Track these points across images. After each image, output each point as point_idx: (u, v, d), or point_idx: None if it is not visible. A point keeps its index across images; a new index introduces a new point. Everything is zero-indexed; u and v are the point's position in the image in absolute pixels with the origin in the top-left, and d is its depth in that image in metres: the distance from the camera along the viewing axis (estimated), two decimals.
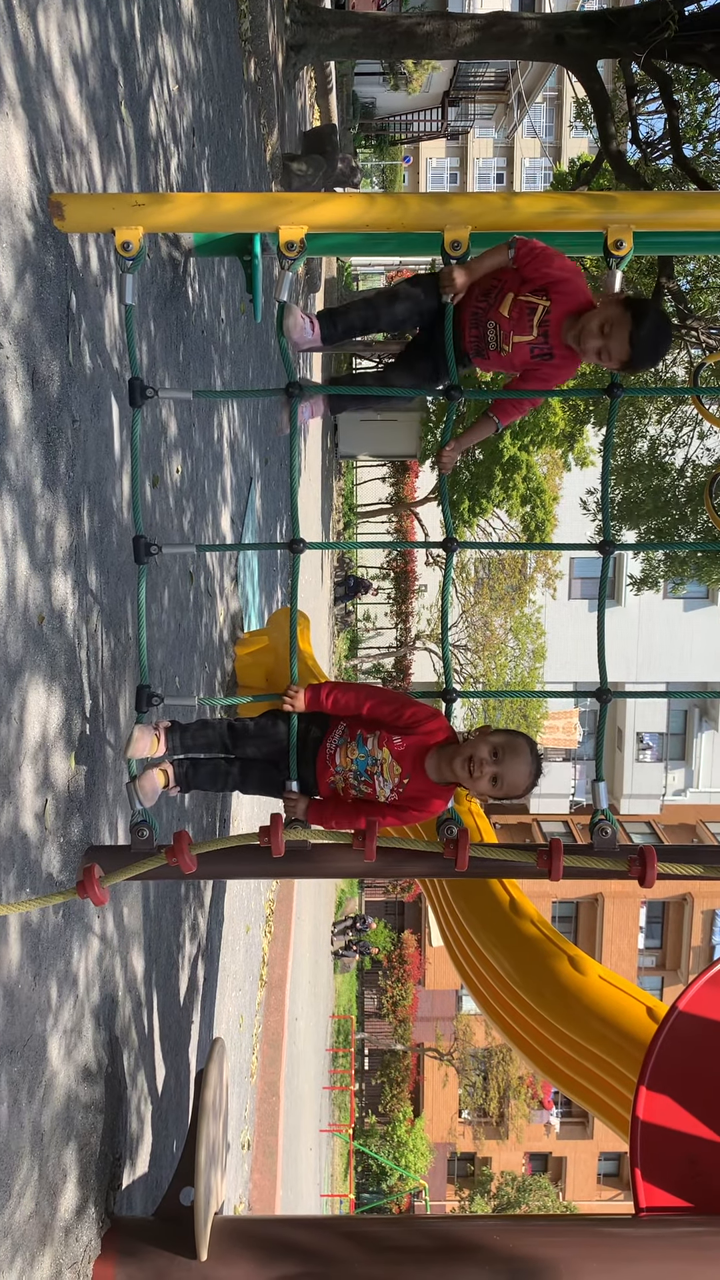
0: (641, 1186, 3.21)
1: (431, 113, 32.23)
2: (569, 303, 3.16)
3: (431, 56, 10.77)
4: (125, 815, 3.49)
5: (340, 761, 3.24)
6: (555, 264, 3.14)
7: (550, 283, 3.15)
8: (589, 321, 3.10)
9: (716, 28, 8.57)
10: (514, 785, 3.07)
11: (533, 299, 3.19)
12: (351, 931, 27.91)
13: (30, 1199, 2.62)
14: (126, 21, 3.81)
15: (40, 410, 2.72)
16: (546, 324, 3.20)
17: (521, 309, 3.21)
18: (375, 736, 3.19)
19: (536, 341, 3.24)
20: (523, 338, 3.24)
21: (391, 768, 3.18)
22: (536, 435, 18.49)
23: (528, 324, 3.22)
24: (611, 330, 3.06)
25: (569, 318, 3.17)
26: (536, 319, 3.20)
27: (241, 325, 6.67)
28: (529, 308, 3.20)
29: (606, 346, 3.08)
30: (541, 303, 3.18)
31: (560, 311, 3.17)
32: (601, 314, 3.08)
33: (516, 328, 3.23)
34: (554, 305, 3.17)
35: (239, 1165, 7.11)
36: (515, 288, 3.21)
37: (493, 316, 3.26)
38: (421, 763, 3.16)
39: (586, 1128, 33.24)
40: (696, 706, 33.77)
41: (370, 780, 3.21)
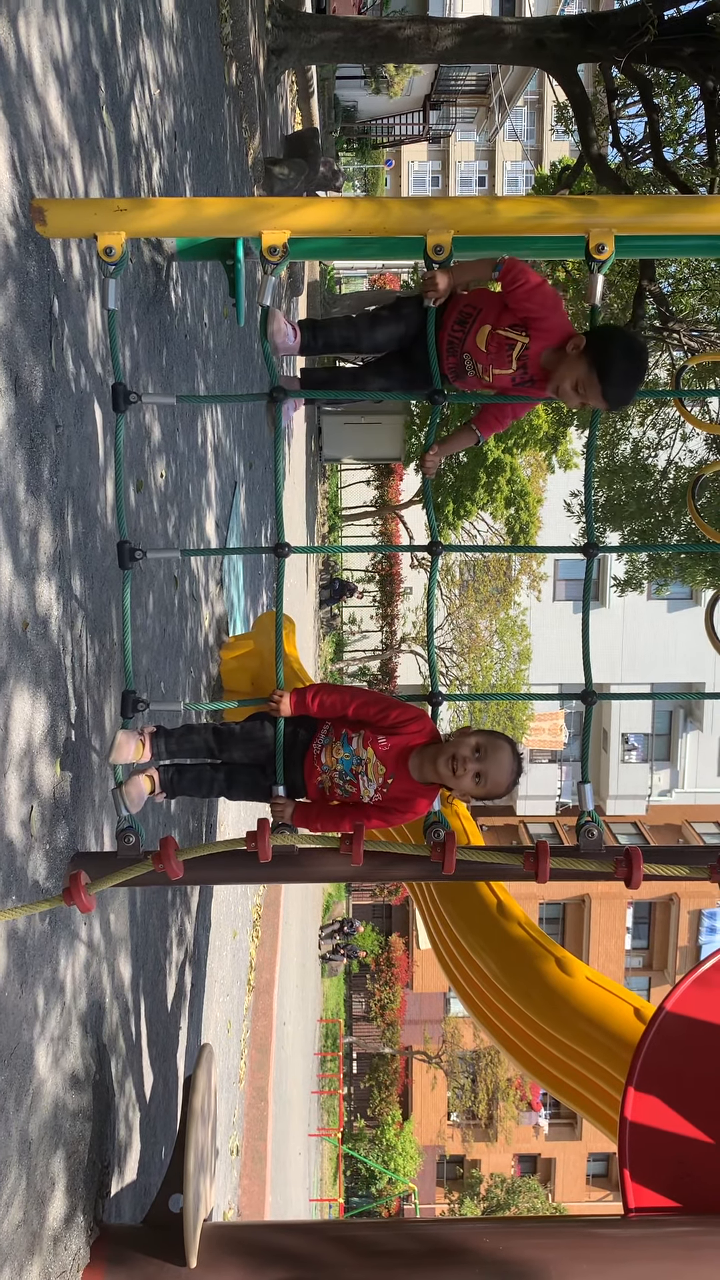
0: (630, 1187, 3.22)
1: (413, 116, 32.33)
2: (548, 340, 3.17)
3: (413, 60, 10.80)
4: (111, 821, 3.48)
5: (326, 761, 3.26)
6: (536, 298, 3.14)
7: (531, 319, 3.16)
8: (562, 383, 3.13)
9: (695, 32, 8.62)
10: (497, 783, 3.10)
11: (511, 334, 3.20)
12: (339, 935, 27.90)
13: (18, 1208, 2.61)
14: (107, 26, 3.80)
15: (23, 416, 2.71)
16: (525, 358, 3.22)
17: (500, 343, 3.22)
18: (360, 736, 3.21)
19: (516, 374, 3.26)
20: (503, 371, 3.27)
21: (376, 768, 3.19)
22: (520, 438, 18.54)
23: (506, 359, 3.23)
24: (585, 390, 3.10)
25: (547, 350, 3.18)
26: (515, 354, 3.22)
27: (224, 329, 6.67)
28: (507, 343, 3.21)
29: (584, 401, 3.13)
30: (520, 339, 3.19)
31: (539, 349, 3.19)
32: (570, 374, 3.10)
33: (495, 362, 3.25)
34: (533, 342, 3.18)
35: (228, 1171, 7.09)
36: (493, 319, 3.22)
37: (468, 349, 3.28)
38: (405, 763, 3.18)
39: (575, 1129, 33.30)
40: (681, 707, 33.90)
41: (355, 780, 3.23)
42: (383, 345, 3.48)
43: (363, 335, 3.48)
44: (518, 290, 3.12)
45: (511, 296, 3.15)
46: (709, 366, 12.30)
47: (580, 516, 18.01)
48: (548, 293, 3.15)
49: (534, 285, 3.12)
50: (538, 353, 3.19)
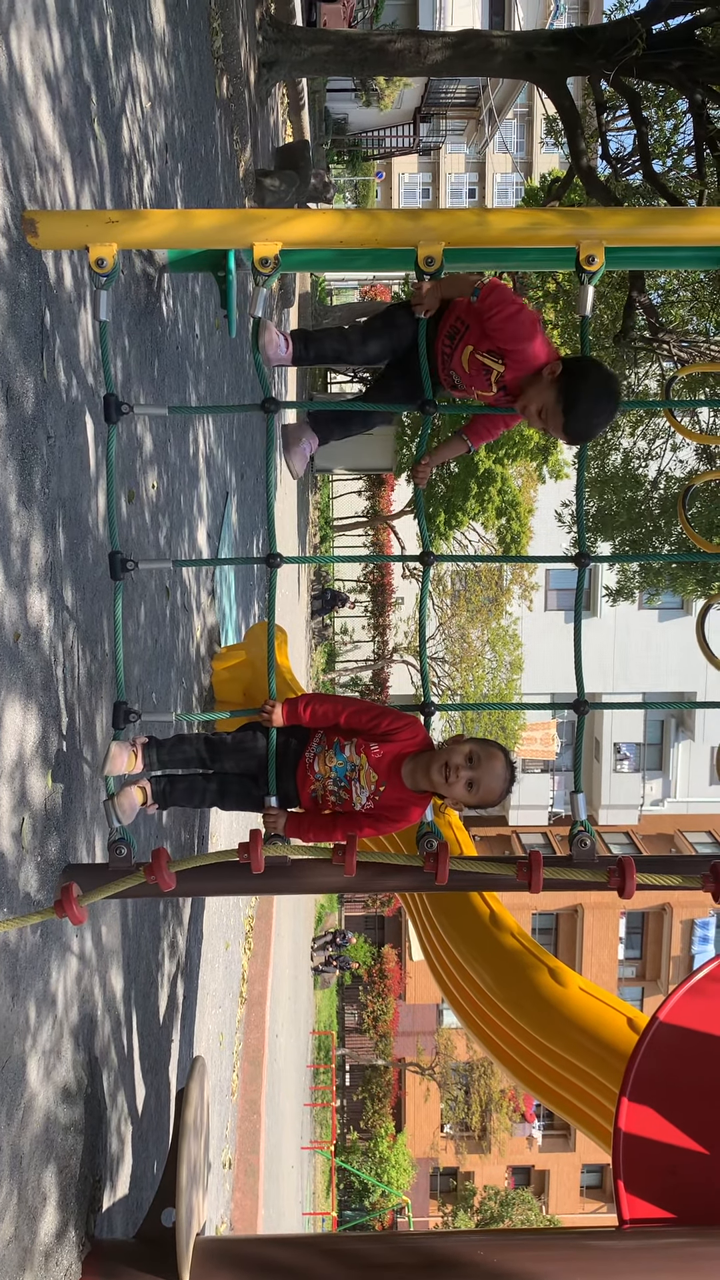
0: (625, 1198, 3.21)
1: (404, 129, 32.48)
2: (521, 369, 3.20)
3: (403, 73, 10.85)
4: (103, 833, 3.47)
5: (319, 769, 3.26)
6: (510, 328, 3.14)
7: (505, 349, 3.18)
8: (528, 404, 3.16)
9: (683, 46, 8.68)
10: (489, 790, 3.10)
11: (488, 360, 3.23)
12: (331, 947, 27.83)
13: (9, 1222, 2.59)
14: (99, 40, 3.82)
15: (15, 427, 2.71)
16: (503, 383, 3.26)
17: (478, 367, 3.26)
18: (352, 744, 3.21)
19: (499, 397, 3.31)
20: (485, 394, 3.33)
21: (368, 775, 3.20)
22: (511, 448, 18.59)
23: (486, 382, 3.29)
24: (547, 418, 3.14)
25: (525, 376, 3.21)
26: (493, 379, 3.26)
27: (216, 341, 6.68)
28: (485, 368, 3.25)
29: (544, 427, 3.18)
30: (496, 366, 3.23)
31: (514, 376, 3.22)
32: (538, 399, 3.14)
33: (477, 383, 3.31)
34: (507, 370, 3.22)
35: (220, 1185, 7.05)
36: (475, 340, 3.25)
37: (454, 368, 3.33)
38: (398, 771, 3.19)
39: (569, 1140, 33.20)
40: (673, 716, 33.96)
41: (348, 787, 3.23)
42: (374, 357, 3.49)
43: (354, 347, 3.49)
44: (493, 318, 3.15)
45: (489, 323, 3.17)
46: (699, 377, 12.36)
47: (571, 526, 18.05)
48: (523, 321, 3.15)
49: (508, 314, 3.13)
50: (514, 380, 3.23)
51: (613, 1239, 3.22)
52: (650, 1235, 3.18)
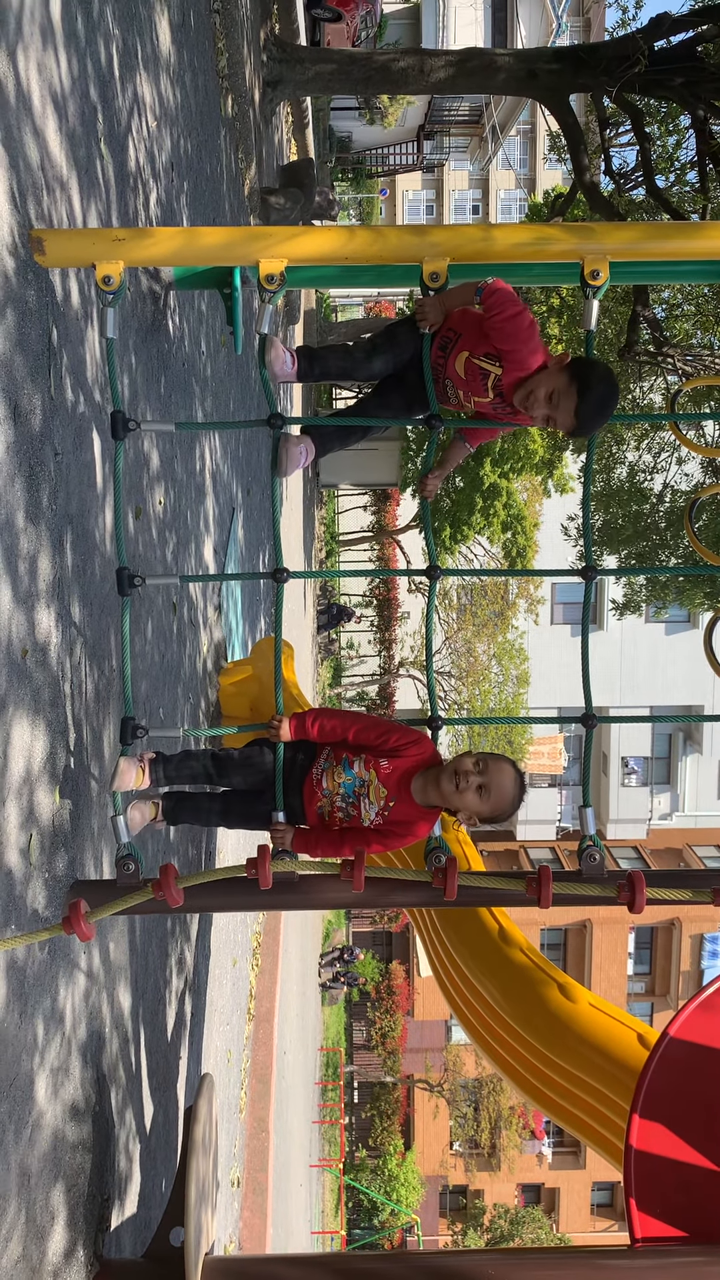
0: (637, 1217, 3.18)
1: (407, 146, 32.68)
2: (518, 371, 3.19)
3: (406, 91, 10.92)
4: (110, 849, 3.47)
5: (328, 785, 3.26)
6: (509, 330, 3.14)
7: (504, 349, 3.18)
8: (536, 388, 3.13)
9: (685, 62, 8.72)
10: (501, 796, 3.10)
11: (485, 364, 3.23)
12: (339, 963, 27.71)
13: (18, 1242, 2.57)
14: (105, 60, 3.85)
15: (22, 444, 2.72)
16: (500, 389, 3.24)
17: (475, 371, 3.25)
18: (361, 760, 3.21)
19: (495, 402, 3.30)
20: (481, 399, 3.31)
21: (378, 790, 3.19)
22: (516, 462, 18.62)
23: (482, 387, 3.27)
24: (559, 401, 3.10)
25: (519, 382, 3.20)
26: (490, 383, 3.25)
27: (222, 357, 6.71)
28: (481, 372, 3.24)
29: (553, 415, 3.12)
30: (494, 370, 3.22)
31: (511, 379, 3.21)
32: (548, 383, 3.11)
33: (472, 389, 3.29)
34: (505, 374, 3.21)
35: (229, 1203, 7.01)
36: (471, 346, 3.24)
37: (449, 375, 3.31)
38: (407, 786, 3.18)
39: (579, 1157, 32.97)
40: (680, 730, 33.86)
41: (357, 803, 3.23)
42: (379, 373, 3.50)
43: (359, 364, 3.50)
44: (494, 319, 3.14)
45: (489, 324, 3.17)
46: (703, 390, 12.37)
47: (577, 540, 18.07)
48: (522, 324, 3.15)
49: (509, 316, 3.13)
50: (510, 384, 3.22)
51: (625, 1258, 3.20)
52: (663, 1254, 3.15)
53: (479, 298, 3.15)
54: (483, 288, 3.14)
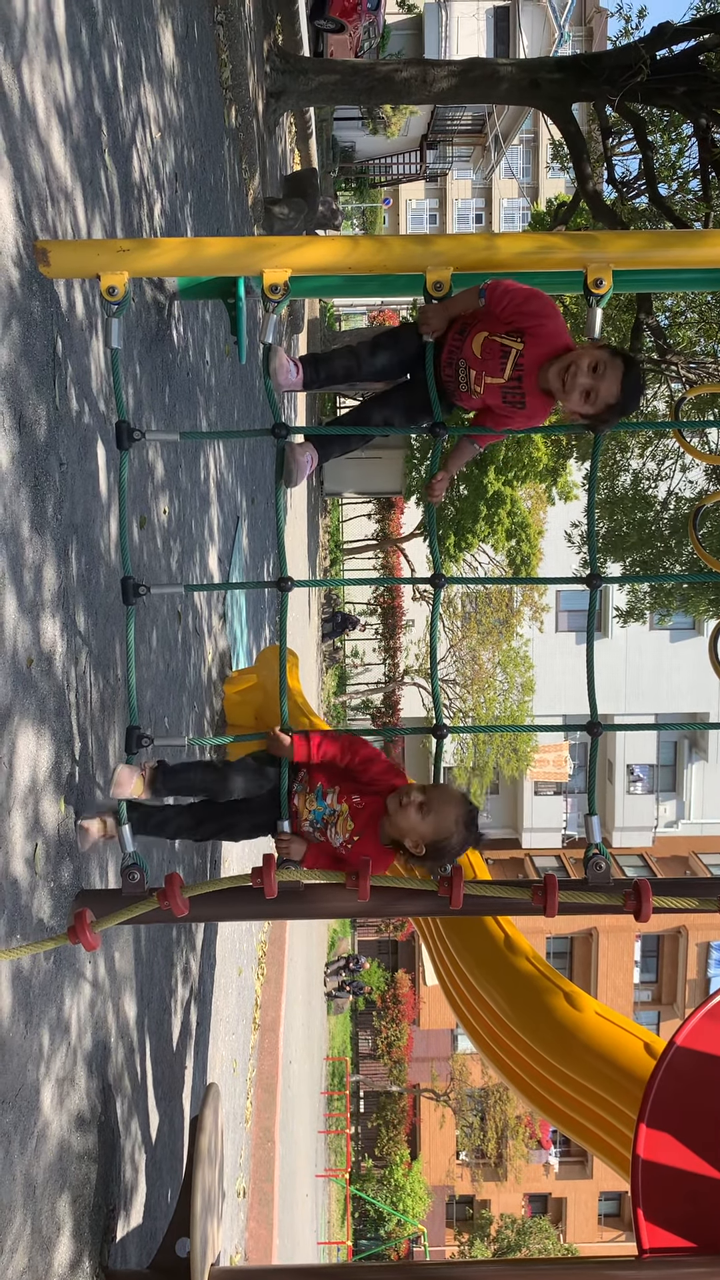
0: (644, 1227, 3.17)
1: (410, 155, 32.77)
2: (544, 346, 3.11)
3: (409, 101, 10.95)
4: (116, 859, 3.46)
5: (299, 807, 3.29)
6: (530, 304, 3.08)
7: (525, 325, 3.11)
8: (579, 359, 3.02)
9: (688, 71, 8.74)
10: (442, 820, 3.03)
11: (506, 340, 3.14)
12: (345, 972, 27.64)
13: (23, 1253, 2.57)
14: (109, 72, 3.87)
15: (27, 454, 2.73)
16: (521, 368, 3.14)
17: (494, 349, 3.16)
18: (335, 792, 3.23)
19: (509, 386, 3.18)
20: (494, 379, 3.19)
21: (345, 823, 3.22)
22: (520, 470, 18.62)
23: (499, 366, 3.16)
24: (604, 371, 3.01)
25: (546, 361, 3.11)
26: (510, 361, 3.14)
27: (226, 367, 6.72)
28: (502, 349, 3.14)
29: (596, 386, 3.01)
30: (515, 345, 3.12)
31: (535, 355, 3.12)
32: (591, 355, 3.02)
33: (487, 368, 3.18)
34: (528, 348, 3.12)
35: (234, 1214, 6.99)
36: (489, 326, 3.17)
37: (464, 355, 3.21)
38: (375, 823, 3.19)
39: (586, 1167, 32.82)
40: (686, 738, 33.79)
41: (324, 829, 3.27)
42: (383, 370, 3.47)
43: (363, 362, 3.48)
44: (507, 305, 3.09)
45: (504, 312, 3.11)
46: (707, 398, 12.38)
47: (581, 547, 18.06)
48: (542, 299, 3.10)
49: (525, 295, 3.08)
50: (534, 362, 3.12)
51: (633, 1268, 3.18)
52: (671, 1264, 3.14)
53: (482, 298, 3.13)
54: (484, 288, 3.12)
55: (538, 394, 3.19)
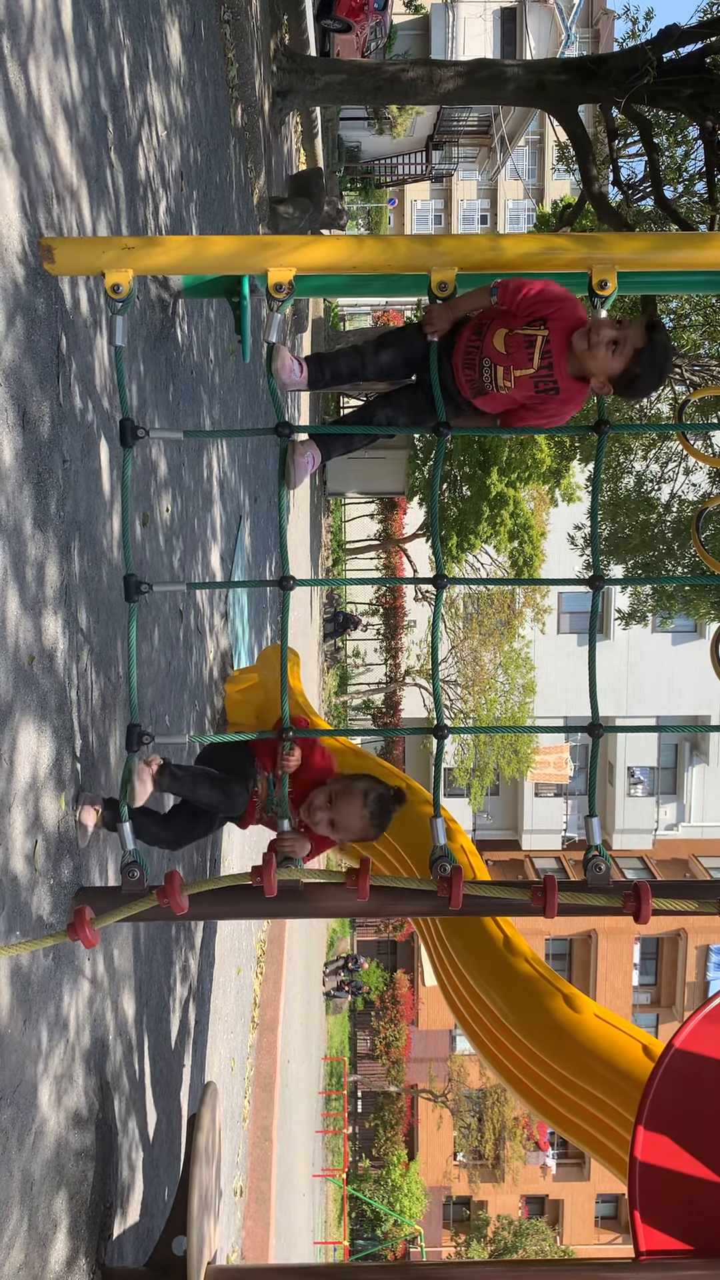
0: (641, 1229, 3.17)
1: (416, 156, 32.75)
2: (566, 324, 3.11)
3: (416, 102, 10.96)
4: (116, 856, 3.46)
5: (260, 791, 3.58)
6: (546, 293, 3.10)
7: (545, 313, 3.11)
8: (600, 320, 3.05)
9: (694, 74, 8.74)
10: (348, 810, 3.26)
11: (529, 331, 3.14)
12: (343, 972, 27.64)
13: (20, 1250, 2.57)
14: (116, 70, 3.87)
15: (31, 451, 2.73)
16: (549, 354, 3.14)
17: (518, 342, 3.15)
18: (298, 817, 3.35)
19: (540, 375, 3.17)
20: (524, 371, 3.18)
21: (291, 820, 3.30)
22: (523, 472, 18.61)
23: (526, 357, 3.16)
24: (629, 323, 3.05)
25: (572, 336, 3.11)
26: (538, 350, 3.14)
27: (230, 365, 6.72)
28: (526, 340, 3.14)
29: (622, 334, 3.03)
30: (539, 333, 3.12)
31: (560, 336, 3.12)
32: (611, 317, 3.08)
33: (515, 362, 3.17)
34: (552, 332, 3.11)
35: (231, 1213, 6.99)
36: (507, 323, 3.17)
37: (487, 353, 3.20)
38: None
39: (583, 1169, 32.81)
40: (687, 740, 33.79)
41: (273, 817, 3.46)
42: (387, 368, 3.47)
43: (368, 361, 3.47)
44: (523, 299, 3.10)
45: (520, 307, 3.12)
46: (711, 400, 12.37)
47: (583, 549, 18.06)
48: (556, 287, 3.12)
49: (538, 288, 3.10)
50: (561, 344, 3.12)
51: (629, 1271, 3.18)
52: (668, 1267, 3.14)
53: (494, 297, 3.13)
54: (495, 286, 3.12)
55: (569, 378, 3.18)
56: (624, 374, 3.09)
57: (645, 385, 3.15)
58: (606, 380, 3.12)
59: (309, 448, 3.42)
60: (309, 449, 3.41)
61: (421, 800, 5.20)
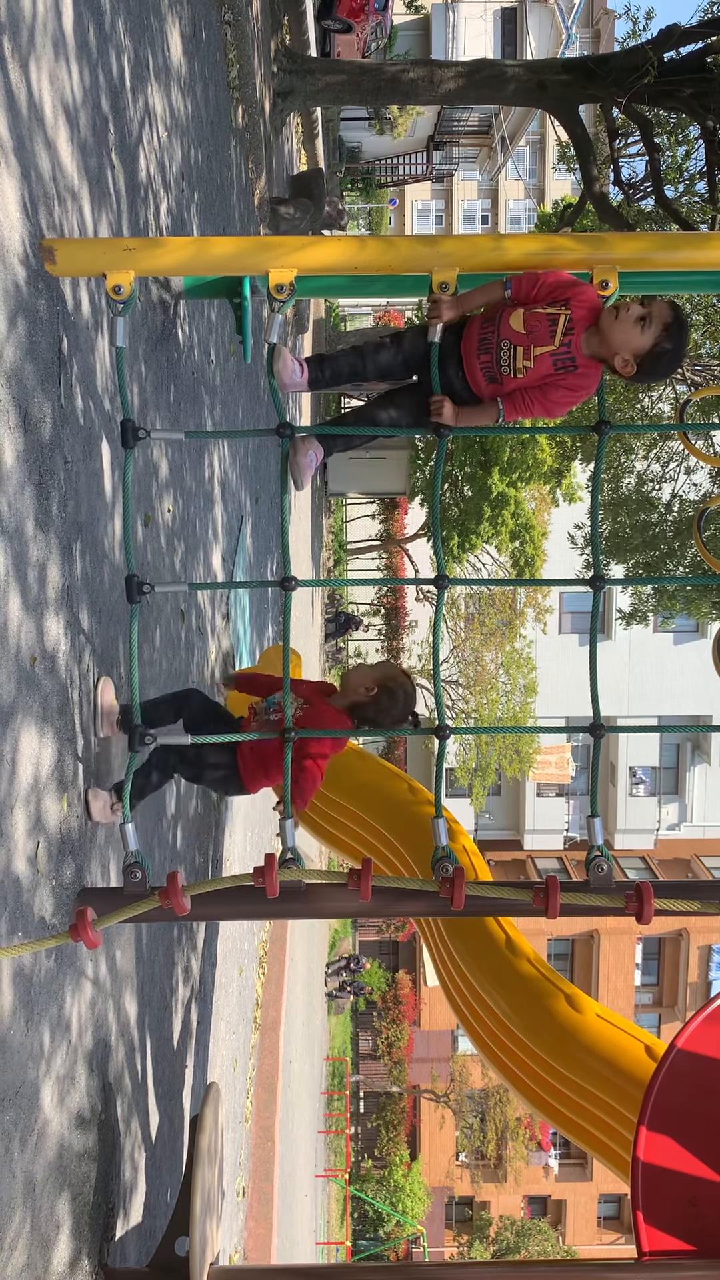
0: (644, 1230, 3.16)
1: (417, 156, 32.74)
2: (588, 304, 3.13)
3: (416, 102, 10.95)
4: (118, 857, 3.46)
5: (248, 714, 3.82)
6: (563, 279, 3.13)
7: (566, 295, 3.12)
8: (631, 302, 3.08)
9: (695, 73, 8.74)
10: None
11: (551, 310, 3.14)
12: (345, 972, 27.65)
13: (22, 1251, 2.57)
14: (117, 71, 3.87)
15: (32, 452, 2.73)
16: (571, 331, 3.14)
17: (539, 320, 3.14)
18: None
19: (559, 351, 3.17)
20: (544, 348, 3.17)
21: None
22: (524, 472, 18.61)
23: (549, 334, 3.15)
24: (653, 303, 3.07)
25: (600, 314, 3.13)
26: (560, 328, 3.14)
27: (231, 366, 6.72)
28: (549, 318, 3.14)
29: (648, 311, 3.06)
30: (562, 312, 3.12)
31: (582, 314, 3.13)
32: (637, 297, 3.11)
33: (535, 339, 3.16)
34: (574, 310, 3.12)
35: (234, 1213, 6.99)
36: (525, 305, 3.18)
37: (505, 335, 3.18)
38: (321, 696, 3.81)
39: (585, 1169, 32.78)
40: (689, 740, 33.76)
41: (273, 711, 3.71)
42: (388, 368, 3.46)
43: (368, 360, 3.47)
44: (541, 286, 3.11)
45: (539, 293, 3.13)
46: (712, 400, 12.37)
47: (584, 549, 18.06)
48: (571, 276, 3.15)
49: (554, 274, 3.12)
50: (582, 320, 3.13)
51: (632, 1271, 3.18)
52: (670, 1268, 3.13)
53: (508, 290, 3.13)
54: (510, 280, 3.12)
55: (586, 358, 3.19)
56: (651, 349, 3.09)
57: (670, 363, 3.15)
58: (632, 358, 3.12)
59: (310, 445, 3.41)
60: (310, 447, 3.41)
61: (424, 800, 5.20)
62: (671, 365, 3.19)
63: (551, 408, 3.33)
